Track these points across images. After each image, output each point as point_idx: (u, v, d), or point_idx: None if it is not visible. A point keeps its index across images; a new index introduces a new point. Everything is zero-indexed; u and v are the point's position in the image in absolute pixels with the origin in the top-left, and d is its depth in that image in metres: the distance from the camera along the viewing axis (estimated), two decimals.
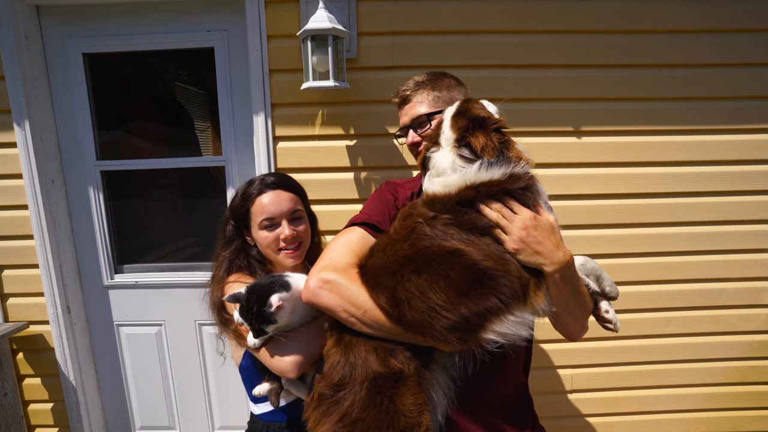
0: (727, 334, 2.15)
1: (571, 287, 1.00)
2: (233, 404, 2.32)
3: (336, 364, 1.00)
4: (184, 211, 2.33)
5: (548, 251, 0.95)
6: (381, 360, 0.98)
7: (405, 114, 1.31)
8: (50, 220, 2.03)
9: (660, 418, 2.22)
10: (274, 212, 1.29)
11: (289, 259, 1.32)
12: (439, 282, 0.93)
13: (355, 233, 1.13)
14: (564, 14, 1.89)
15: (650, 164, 2.00)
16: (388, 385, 0.96)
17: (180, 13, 1.97)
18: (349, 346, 1.01)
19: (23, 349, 2.15)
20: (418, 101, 1.28)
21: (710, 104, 1.97)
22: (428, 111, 1.25)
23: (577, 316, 1.07)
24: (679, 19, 1.90)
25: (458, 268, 0.94)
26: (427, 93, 1.27)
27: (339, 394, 0.97)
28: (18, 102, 1.90)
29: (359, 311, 0.99)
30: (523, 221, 0.95)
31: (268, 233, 1.29)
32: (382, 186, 1.35)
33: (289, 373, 1.11)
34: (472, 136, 0.99)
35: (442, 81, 1.29)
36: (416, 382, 0.98)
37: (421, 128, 1.27)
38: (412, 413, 0.96)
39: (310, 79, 1.76)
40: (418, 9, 1.87)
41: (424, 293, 0.94)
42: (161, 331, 2.27)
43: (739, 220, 2.05)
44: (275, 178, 1.35)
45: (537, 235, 0.95)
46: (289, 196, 1.33)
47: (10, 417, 2.09)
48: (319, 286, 1.01)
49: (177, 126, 2.27)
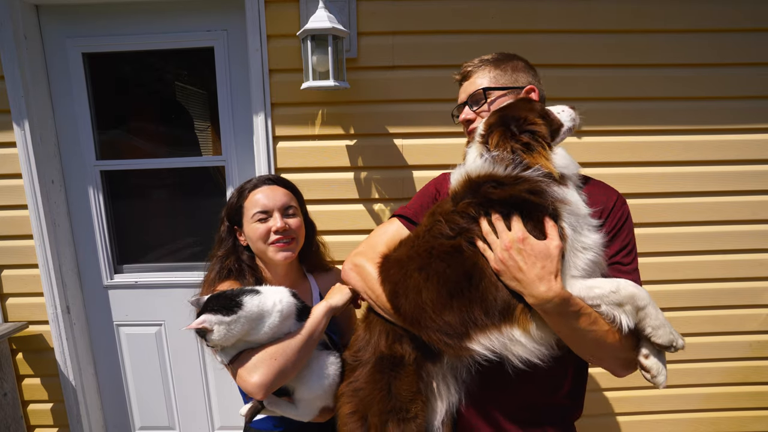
0: (726, 334, 2.15)
1: (567, 324, 0.88)
2: (233, 404, 2.32)
3: (359, 337, 1.13)
4: (184, 211, 2.33)
5: (528, 281, 0.86)
6: (388, 343, 1.06)
7: (463, 91, 1.23)
8: (50, 220, 2.03)
9: (660, 418, 2.22)
10: (267, 205, 1.26)
11: (279, 252, 1.26)
12: (433, 280, 0.96)
13: (393, 225, 1.19)
14: (564, 14, 1.89)
15: (650, 164, 2.00)
16: (389, 367, 1.04)
17: (180, 12, 1.97)
18: (370, 324, 1.11)
19: (23, 349, 2.15)
20: (477, 77, 1.19)
21: (710, 104, 1.96)
22: (487, 86, 1.15)
23: (596, 354, 0.95)
24: (679, 19, 1.90)
25: (456, 268, 0.95)
26: (489, 70, 1.18)
27: (355, 363, 1.10)
28: (17, 102, 1.90)
29: (374, 296, 1.08)
30: (508, 241, 0.88)
31: (260, 224, 1.25)
32: (436, 177, 1.31)
33: (256, 394, 1.06)
34: (491, 134, 0.97)
35: (510, 62, 1.18)
36: (414, 371, 1.03)
37: (477, 105, 1.17)
38: (404, 399, 1.02)
39: (310, 78, 1.76)
40: (418, 9, 1.87)
41: (418, 290, 0.98)
42: (161, 331, 2.26)
43: (738, 220, 2.05)
44: (272, 176, 1.35)
45: (519, 260, 0.87)
46: (284, 191, 1.31)
47: (9, 417, 2.08)
48: (351, 268, 1.16)
49: (177, 126, 2.27)
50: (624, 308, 0.88)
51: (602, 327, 0.90)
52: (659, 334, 0.88)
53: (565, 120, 1.01)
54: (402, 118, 1.94)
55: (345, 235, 2.01)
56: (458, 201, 0.97)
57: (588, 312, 0.89)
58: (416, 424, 1.01)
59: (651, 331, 0.88)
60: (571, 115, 1.01)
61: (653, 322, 0.88)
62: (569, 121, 1.01)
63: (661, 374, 0.91)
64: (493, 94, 1.14)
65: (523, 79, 1.16)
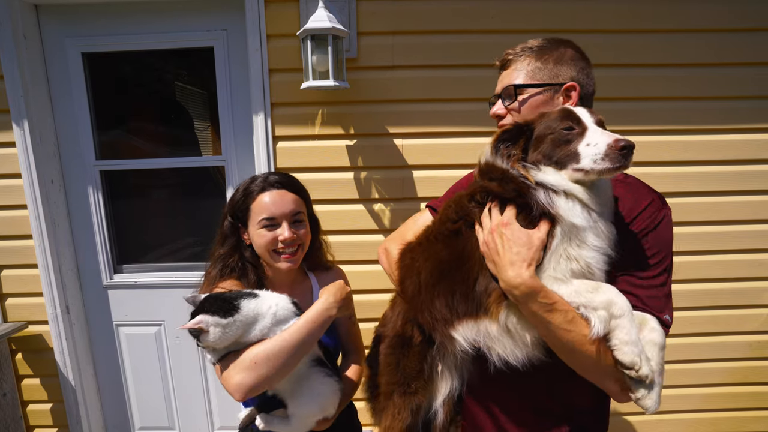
0: (726, 334, 2.15)
1: (539, 318, 0.85)
2: (233, 404, 2.32)
3: (387, 314, 1.23)
4: (184, 211, 2.33)
5: (501, 264, 0.85)
6: (401, 324, 1.14)
7: (500, 81, 1.13)
8: (49, 220, 2.02)
9: (660, 418, 2.22)
10: (275, 212, 1.21)
11: (284, 263, 1.24)
12: (430, 261, 1.01)
13: (425, 214, 1.27)
14: (563, 14, 1.88)
15: (650, 164, 2.00)
16: (400, 345, 1.13)
17: (179, 12, 1.97)
18: (394, 304, 1.20)
19: (22, 350, 2.15)
20: (515, 69, 1.07)
21: (710, 104, 1.96)
22: (521, 82, 1.05)
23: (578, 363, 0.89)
24: (678, 20, 1.90)
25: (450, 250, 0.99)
26: (528, 62, 1.05)
27: (382, 336, 1.20)
28: (17, 102, 1.90)
29: (394, 278, 1.17)
30: (494, 224, 0.90)
31: (267, 232, 1.22)
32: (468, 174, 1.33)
33: (234, 394, 1.05)
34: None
35: (555, 51, 1.05)
36: (419, 352, 1.10)
37: (510, 101, 1.08)
38: (408, 375, 1.11)
39: (310, 78, 1.76)
40: (418, 9, 1.87)
41: (419, 272, 1.03)
42: (161, 331, 2.26)
43: (739, 220, 2.05)
44: (280, 177, 1.27)
45: (498, 242, 0.87)
46: (293, 197, 1.25)
47: (9, 417, 2.08)
48: (381, 251, 1.28)
49: (177, 126, 2.27)
50: (598, 312, 0.82)
51: (581, 330, 0.84)
52: (624, 350, 0.80)
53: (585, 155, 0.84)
54: (402, 118, 1.94)
55: (345, 235, 2.01)
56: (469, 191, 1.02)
57: (564, 309, 0.84)
58: (416, 398, 1.11)
59: (617, 344, 0.81)
60: (598, 154, 0.82)
61: (623, 337, 0.81)
62: (588, 159, 0.83)
63: (647, 398, 0.82)
64: (526, 91, 1.04)
65: (565, 74, 1.03)
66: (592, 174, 0.84)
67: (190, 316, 1.06)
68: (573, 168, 0.85)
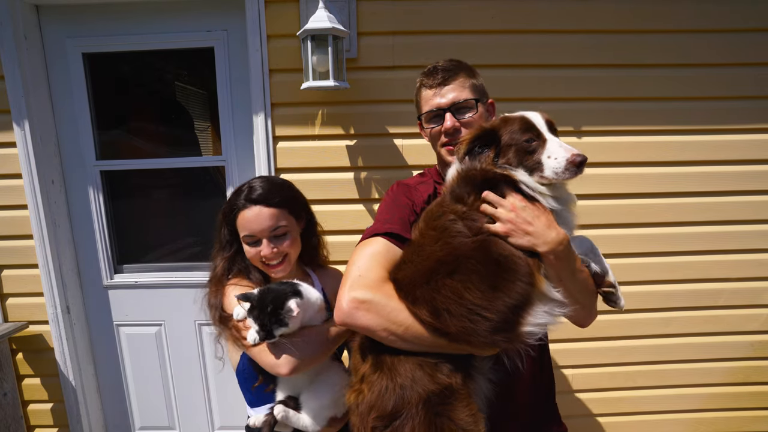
0: (727, 334, 2.14)
1: (569, 268, 0.98)
2: (233, 404, 2.32)
3: (384, 390, 0.94)
4: (184, 211, 2.33)
5: (539, 231, 0.95)
6: (429, 376, 0.93)
7: (442, 95, 1.19)
8: (50, 220, 2.02)
9: (660, 418, 2.21)
10: (254, 229, 1.25)
11: (272, 274, 1.31)
12: (472, 279, 0.92)
13: (379, 244, 1.06)
14: (564, 14, 1.88)
15: (650, 164, 2.00)
16: (442, 403, 0.92)
17: (180, 12, 1.97)
18: (392, 368, 0.96)
19: (23, 349, 2.15)
20: (460, 85, 1.19)
21: (710, 104, 1.96)
22: (473, 97, 1.18)
23: (579, 299, 1.02)
24: (679, 19, 1.90)
25: (485, 259, 0.94)
26: (466, 78, 1.20)
27: (395, 423, 0.91)
28: (18, 102, 1.90)
29: (401, 329, 0.94)
30: (511, 203, 0.97)
31: (250, 248, 1.28)
32: (393, 188, 1.24)
33: (282, 368, 1.12)
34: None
35: (474, 70, 1.25)
36: (467, 393, 0.95)
37: (461, 114, 1.18)
38: (470, 425, 0.92)
39: (310, 78, 1.76)
40: (418, 9, 1.87)
41: (460, 296, 0.91)
42: (161, 331, 2.26)
43: (739, 220, 2.05)
44: (261, 190, 1.27)
45: (526, 216, 0.96)
46: (271, 212, 1.26)
47: (9, 417, 2.08)
48: (355, 307, 0.96)
49: (177, 126, 2.27)
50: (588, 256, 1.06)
51: (585, 270, 1.04)
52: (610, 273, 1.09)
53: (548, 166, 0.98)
54: (402, 118, 1.94)
55: (345, 235, 2.01)
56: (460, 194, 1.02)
57: (576, 255, 1.02)
58: None
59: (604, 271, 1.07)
60: (559, 168, 0.96)
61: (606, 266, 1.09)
62: (551, 171, 0.98)
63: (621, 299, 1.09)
64: (478, 104, 1.20)
65: (485, 89, 1.26)
66: (554, 181, 1.00)
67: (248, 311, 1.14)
68: (539, 176, 1.00)
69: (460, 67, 1.22)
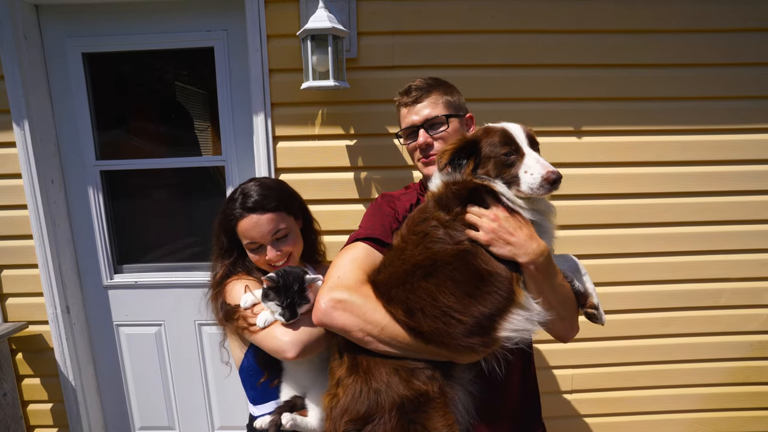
0: (727, 334, 2.15)
1: (549, 280, 0.99)
2: (233, 404, 2.32)
3: (358, 394, 0.93)
4: (184, 211, 2.33)
5: (521, 241, 0.96)
6: (404, 382, 0.93)
7: (414, 113, 1.27)
8: (50, 220, 2.02)
9: (660, 418, 2.21)
10: (256, 237, 1.28)
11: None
12: (446, 284, 0.94)
13: (359, 248, 1.11)
14: (564, 14, 1.88)
15: (650, 164, 2.00)
16: (416, 410, 0.91)
17: (180, 12, 1.97)
18: (368, 371, 0.96)
19: (22, 350, 2.15)
20: (433, 102, 1.25)
21: (710, 104, 1.96)
22: (447, 113, 1.24)
23: (560, 312, 1.04)
24: (679, 19, 1.90)
25: (463, 268, 0.95)
26: (440, 95, 1.26)
27: (367, 427, 0.91)
28: (17, 102, 1.90)
29: (376, 329, 0.96)
30: (493, 215, 0.98)
31: (255, 255, 1.31)
32: (377, 199, 1.33)
33: (289, 352, 1.11)
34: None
35: (450, 85, 1.31)
36: (443, 403, 0.94)
37: (434, 129, 1.25)
38: None
39: (310, 78, 1.76)
40: (418, 9, 1.87)
41: (434, 298, 0.93)
42: (161, 331, 2.26)
43: (739, 220, 2.05)
44: (256, 196, 1.28)
45: (508, 226, 0.97)
46: (269, 218, 1.27)
47: (9, 417, 2.08)
48: (332, 306, 0.98)
49: (177, 126, 2.27)
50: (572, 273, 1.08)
51: (567, 285, 1.06)
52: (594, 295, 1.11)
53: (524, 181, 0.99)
54: None
55: (345, 235, 1.98)
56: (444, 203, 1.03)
57: (557, 268, 1.04)
58: None
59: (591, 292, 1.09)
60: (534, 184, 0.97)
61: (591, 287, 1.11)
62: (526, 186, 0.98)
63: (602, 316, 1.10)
64: (451, 120, 1.24)
65: (462, 103, 1.30)
66: (530, 196, 1.01)
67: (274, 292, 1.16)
68: (516, 189, 1.01)
69: (434, 85, 1.27)
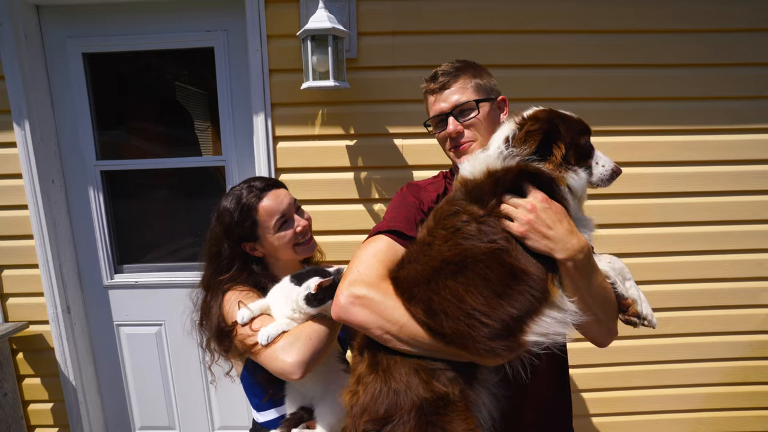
0: (726, 334, 2.15)
1: (587, 280, 0.91)
2: (233, 404, 2.32)
3: (378, 393, 0.90)
4: (184, 211, 2.33)
5: (559, 236, 0.88)
6: (424, 383, 0.89)
7: (442, 100, 1.17)
8: (50, 220, 2.03)
9: (659, 418, 2.22)
10: (285, 208, 1.28)
11: (308, 251, 1.35)
12: (476, 283, 0.87)
13: (381, 242, 1.04)
14: (564, 14, 1.89)
15: (650, 164, 2.00)
16: (436, 413, 0.88)
17: (180, 12, 1.97)
18: (387, 370, 0.92)
19: (23, 349, 2.15)
20: (461, 87, 1.15)
21: (710, 104, 1.96)
22: (477, 97, 1.14)
23: (597, 313, 0.95)
24: (679, 19, 1.90)
25: (495, 265, 0.88)
26: (469, 79, 1.16)
27: (386, 428, 0.88)
28: (18, 102, 1.90)
29: (395, 327, 0.92)
30: (530, 203, 0.89)
31: (286, 231, 1.28)
32: (403, 189, 1.23)
33: (295, 374, 1.06)
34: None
35: (480, 67, 1.21)
36: (465, 406, 0.90)
37: (464, 116, 1.15)
38: None
39: (310, 79, 1.76)
40: (418, 9, 1.87)
41: (460, 299, 0.87)
42: (161, 331, 2.26)
43: (739, 220, 2.05)
44: (260, 182, 1.30)
45: (546, 217, 0.88)
46: (284, 191, 1.33)
47: (9, 417, 2.08)
48: (351, 302, 0.94)
49: (177, 126, 2.27)
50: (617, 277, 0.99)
51: (608, 286, 0.97)
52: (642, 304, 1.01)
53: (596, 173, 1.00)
54: (402, 118, 1.94)
55: (345, 235, 2.01)
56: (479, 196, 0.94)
57: (597, 268, 0.95)
58: None
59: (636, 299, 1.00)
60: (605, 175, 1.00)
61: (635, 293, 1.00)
62: (597, 177, 1.00)
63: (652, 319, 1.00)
64: (482, 105, 1.14)
65: (493, 85, 1.20)
66: (595, 187, 1.00)
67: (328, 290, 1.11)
68: (587, 180, 0.99)
69: (462, 69, 1.18)
